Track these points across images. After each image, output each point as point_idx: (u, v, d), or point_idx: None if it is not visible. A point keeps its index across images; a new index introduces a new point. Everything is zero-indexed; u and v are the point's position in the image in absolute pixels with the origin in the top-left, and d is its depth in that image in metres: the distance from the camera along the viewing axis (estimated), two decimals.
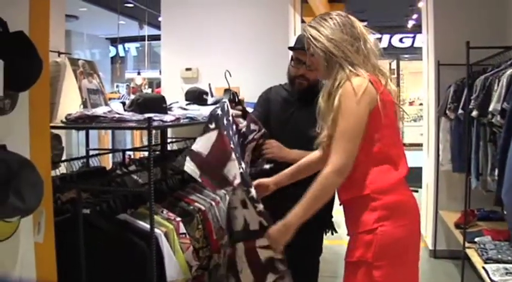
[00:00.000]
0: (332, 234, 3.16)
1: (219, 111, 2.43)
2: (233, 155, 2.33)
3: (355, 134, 2.05)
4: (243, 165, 2.43)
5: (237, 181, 2.30)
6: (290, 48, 3.05)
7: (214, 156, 2.34)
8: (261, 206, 2.31)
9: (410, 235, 2.18)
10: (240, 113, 2.71)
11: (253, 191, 2.32)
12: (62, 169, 3.15)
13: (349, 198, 2.18)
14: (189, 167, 2.35)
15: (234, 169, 2.31)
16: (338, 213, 2.69)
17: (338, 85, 2.09)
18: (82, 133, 4.49)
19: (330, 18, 2.20)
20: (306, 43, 2.25)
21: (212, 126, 2.36)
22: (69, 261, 2.17)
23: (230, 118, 2.55)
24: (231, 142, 2.39)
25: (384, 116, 2.09)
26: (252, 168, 2.74)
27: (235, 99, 2.72)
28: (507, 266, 3.53)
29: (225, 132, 2.38)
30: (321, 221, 2.95)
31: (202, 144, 2.36)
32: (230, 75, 2.81)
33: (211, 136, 2.35)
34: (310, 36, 2.20)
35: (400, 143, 2.29)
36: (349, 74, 2.08)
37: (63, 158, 3.51)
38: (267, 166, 2.80)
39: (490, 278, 3.39)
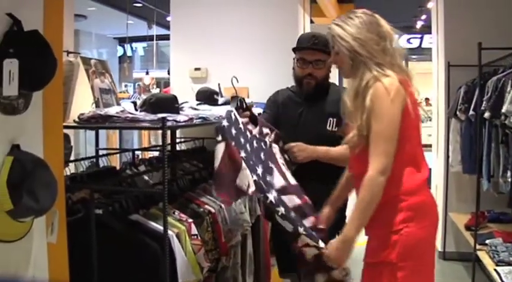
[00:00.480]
0: None
1: (224, 123, 2.40)
2: (244, 164, 2.33)
3: (392, 135, 2.05)
4: (259, 170, 2.43)
5: (252, 189, 2.30)
6: (295, 48, 3.01)
7: (225, 169, 2.32)
8: (282, 209, 2.32)
9: (430, 236, 2.21)
10: (247, 119, 2.70)
11: (271, 197, 2.33)
12: (71, 168, 3.13)
13: None
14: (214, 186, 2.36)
15: (247, 178, 2.31)
16: None
17: (366, 85, 2.08)
18: (89, 132, 4.48)
19: (356, 16, 2.19)
20: (331, 41, 2.24)
21: (219, 138, 2.34)
22: (81, 261, 2.16)
23: (241, 126, 2.54)
24: (242, 151, 2.38)
25: (413, 116, 2.11)
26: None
27: (242, 106, 2.71)
28: None
29: (233, 143, 2.36)
30: (335, 223, 2.93)
31: (215, 159, 2.35)
32: (237, 81, 2.80)
33: (219, 149, 2.33)
34: (336, 34, 2.18)
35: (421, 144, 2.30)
36: (377, 75, 2.07)
37: (72, 157, 3.51)
38: (292, 167, 2.79)
39: (502, 280, 3.37)
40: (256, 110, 4.04)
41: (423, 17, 10.02)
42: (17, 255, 1.74)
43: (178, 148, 4.37)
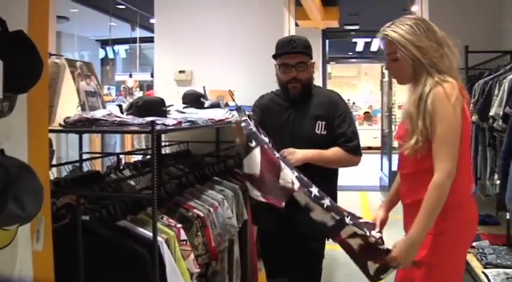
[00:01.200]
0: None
1: (253, 128, 2.43)
2: (282, 164, 2.36)
3: (456, 138, 2.09)
4: (294, 169, 2.44)
5: (297, 185, 2.33)
6: (275, 55, 2.96)
7: (267, 172, 2.35)
8: (327, 201, 2.34)
9: (469, 238, 2.32)
10: None
11: (314, 191, 2.35)
12: (53, 173, 3.06)
13: (416, 200, 2.18)
14: (253, 192, 2.37)
15: (289, 175, 2.35)
16: None
17: (430, 91, 2.11)
18: (71, 135, 4.41)
19: (413, 23, 2.19)
20: (388, 48, 2.24)
21: (253, 144, 2.37)
22: (68, 270, 2.10)
23: (260, 133, 2.56)
24: (274, 153, 2.42)
25: (469, 121, 2.19)
26: None
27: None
28: (507, 270, 3.52)
29: (266, 146, 2.40)
30: None
31: (250, 165, 2.37)
32: (233, 94, 2.79)
33: (256, 154, 2.36)
34: (398, 42, 2.18)
35: None
36: (438, 81, 2.10)
37: (54, 161, 3.43)
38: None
39: None
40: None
41: None
42: (1, 263, 1.67)
43: (163, 152, 4.32)
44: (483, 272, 3.57)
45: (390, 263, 2.20)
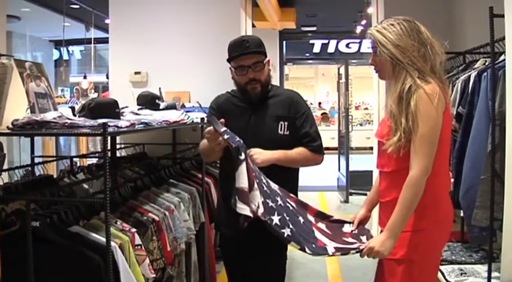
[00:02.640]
0: None
1: (237, 137, 2.38)
2: (256, 184, 2.32)
3: (435, 137, 2.14)
4: (266, 189, 2.40)
5: (261, 211, 2.28)
6: (230, 58, 2.91)
7: (251, 186, 2.30)
8: (287, 231, 2.30)
9: (447, 235, 2.35)
10: None
11: (275, 219, 2.31)
12: (4, 177, 2.97)
13: (397, 197, 2.20)
14: (240, 207, 2.27)
15: (257, 198, 2.30)
16: None
17: (409, 90, 2.15)
18: (24, 139, 4.29)
19: (398, 23, 2.24)
20: (372, 44, 2.30)
21: (242, 157, 2.31)
22: (17, 278, 2.03)
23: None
24: (254, 171, 2.37)
25: (449, 122, 2.24)
26: None
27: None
28: (462, 266, 3.57)
29: (250, 162, 2.37)
30: None
31: (241, 179, 2.29)
32: (200, 106, 2.73)
33: (243, 168, 2.30)
34: (377, 40, 2.24)
35: None
36: (418, 81, 2.15)
37: (5, 166, 3.32)
38: None
39: (446, 279, 3.41)
40: (199, 115, 3.98)
41: (363, 22, 10.19)
42: None
43: (118, 154, 4.24)
44: (439, 269, 3.63)
45: (366, 253, 2.22)
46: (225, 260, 3.08)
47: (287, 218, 2.35)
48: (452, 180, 3.58)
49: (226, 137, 2.38)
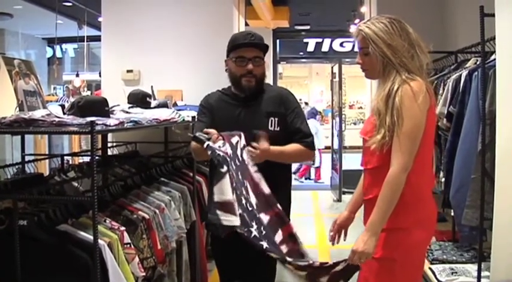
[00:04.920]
0: None
1: (229, 151, 2.37)
2: (234, 196, 2.31)
3: (417, 135, 2.14)
4: (245, 203, 2.39)
5: (237, 223, 2.29)
6: (233, 47, 2.92)
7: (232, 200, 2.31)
8: (265, 244, 2.31)
9: (429, 234, 2.36)
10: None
11: (254, 232, 2.32)
12: None
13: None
14: (226, 219, 2.28)
15: (234, 211, 2.30)
16: None
17: (398, 88, 2.15)
18: (16, 137, 4.27)
19: (389, 22, 2.23)
20: (361, 42, 2.28)
21: (223, 170, 2.32)
22: (4, 277, 2.01)
23: (238, 151, 2.51)
24: (235, 182, 2.36)
25: (433, 121, 2.24)
26: None
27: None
28: (452, 265, 3.59)
29: (234, 174, 2.35)
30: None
31: (225, 191, 2.30)
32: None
33: (227, 180, 2.30)
34: (370, 39, 2.22)
35: None
36: (406, 79, 2.15)
37: None
38: None
39: (437, 278, 3.43)
40: (190, 113, 3.96)
41: (356, 21, 10.18)
42: None
43: (110, 152, 4.23)
44: (430, 268, 3.63)
45: (351, 257, 2.20)
46: (216, 259, 3.08)
47: (263, 232, 2.37)
48: (443, 179, 3.59)
49: (209, 152, 2.40)
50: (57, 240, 2.20)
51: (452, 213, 3.49)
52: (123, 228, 2.50)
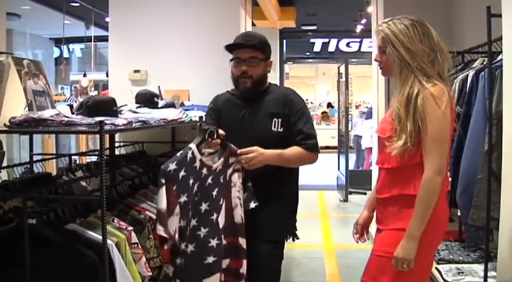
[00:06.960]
0: (293, 240, 3.09)
1: (171, 167, 2.37)
2: (177, 210, 2.36)
3: (445, 136, 2.15)
4: (195, 218, 2.50)
5: (176, 236, 2.37)
6: (227, 46, 2.94)
7: (171, 211, 2.35)
8: (210, 258, 2.53)
9: (441, 235, 2.36)
10: (212, 150, 2.64)
11: (190, 247, 2.46)
12: (3, 175, 2.97)
13: (397, 194, 2.25)
14: (160, 230, 2.33)
15: (175, 224, 2.36)
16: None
17: (417, 93, 2.14)
18: (23, 136, 4.29)
19: (411, 25, 2.21)
20: (381, 41, 2.27)
21: (163, 181, 2.34)
22: (14, 275, 2.03)
23: (197, 164, 2.51)
24: (183, 196, 2.40)
25: (454, 124, 2.24)
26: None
27: (212, 136, 2.61)
28: (459, 265, 3.58)
29: (175, 187, 2.36)
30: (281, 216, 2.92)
31: (160, 201, 2.34)
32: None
33: (163, 191, 2.34)
34: (389, 40, 2.22)
35: None
36: (426, 84, 2.14)
37: (4, 163, 3.33)
38: (252, 205, 2.73)
39: (443, 278, 3.42)
40: (197, 113, 3.97)
41: (363, 21, 10.19)
42: None
43: (117, 152, 4.25)
44: (436, 268, 3.63)
45: (395, 265, 2.21)
46: None
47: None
48: (449, 179, 3.59)
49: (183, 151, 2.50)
50: (65, 239, 2.21)
51: (458, 213, 3.48)
52: (130, 228, 2.52)
